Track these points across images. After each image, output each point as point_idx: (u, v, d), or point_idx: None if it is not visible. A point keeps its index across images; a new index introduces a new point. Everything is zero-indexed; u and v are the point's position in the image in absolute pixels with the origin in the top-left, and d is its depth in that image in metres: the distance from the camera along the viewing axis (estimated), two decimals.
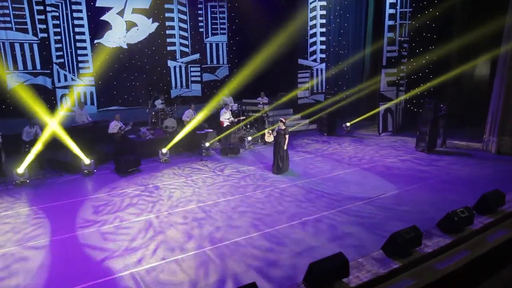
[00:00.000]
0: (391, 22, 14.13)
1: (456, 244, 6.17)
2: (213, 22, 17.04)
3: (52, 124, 9.99)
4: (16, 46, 12.88)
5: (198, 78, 16.92)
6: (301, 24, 15.85)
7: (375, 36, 16.06)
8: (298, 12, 15.75)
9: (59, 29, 13.52)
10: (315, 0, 16.21)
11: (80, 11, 13.83)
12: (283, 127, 9.99)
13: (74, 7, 13.67)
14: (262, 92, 14.59)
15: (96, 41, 14.31)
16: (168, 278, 5.36)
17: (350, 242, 6.34)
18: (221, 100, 13.91)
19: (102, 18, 14.38)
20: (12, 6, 12.58)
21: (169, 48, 16.05)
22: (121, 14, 14.69)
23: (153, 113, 12.84)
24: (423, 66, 14.27)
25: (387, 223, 7.02)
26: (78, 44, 13.97)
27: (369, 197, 8.31)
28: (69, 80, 13.97)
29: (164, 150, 11.22)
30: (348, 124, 14.91)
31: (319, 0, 16.17)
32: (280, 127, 10.05)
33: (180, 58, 16.37)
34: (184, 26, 16.24)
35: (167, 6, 15.66)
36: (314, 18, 16.32)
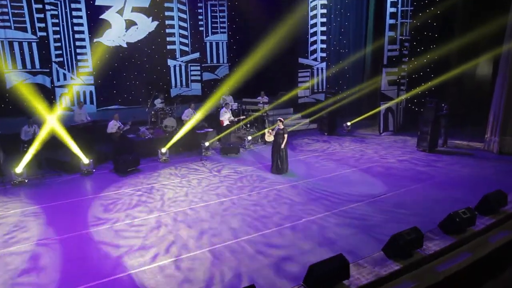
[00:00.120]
0: (392, 21, 14.04)
1: (457, 245, 6.10)
2: (213, 21, 16.98)
3: (51, 123, 9.94)
4: (15, 45, 12.84)
5: (198, 77, 16.86)
6: (301, 22, 15.75)
7: (376, 35, 15.99)
8: (299, 11, 15.62)
9: (58, 27, 13.47)
10: None
11: (80, 10, 13.79)
12: (281, 126, 9.94)
13: (73, 5, 13.64)
14: (262, 91, 14.50)
15: (95, 40, 14.27)
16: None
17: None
18: (221, 99, 13.86)
19: (101, 17, 14.33)
20: (11, 4, 12.54)
21: (169, 47, 15.99)
22: (120, 12, 14.63)
23: (152, 112, 12.79)
24: (424, 65, 14.18)
25: (386, 225, 6.92)
26: (77, 43, 13.94)
27: (369, 198, 8.24)
28: (68, 79, 13.92)
29: (163, 150, 11.17)
30: (348, 124, 14.84)
31: None
32: (279, 127, 9.99)
33: (180, 57, 16.31)
34: (184, 25, 16.17)
35: (167, 5, 15.61)
36: (315, 16, 16.22)
